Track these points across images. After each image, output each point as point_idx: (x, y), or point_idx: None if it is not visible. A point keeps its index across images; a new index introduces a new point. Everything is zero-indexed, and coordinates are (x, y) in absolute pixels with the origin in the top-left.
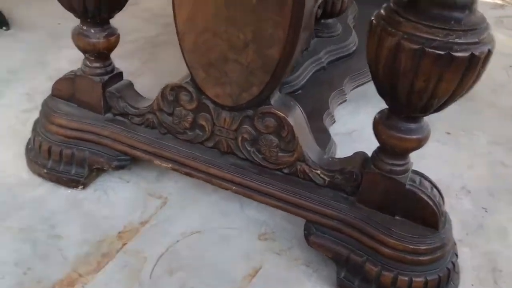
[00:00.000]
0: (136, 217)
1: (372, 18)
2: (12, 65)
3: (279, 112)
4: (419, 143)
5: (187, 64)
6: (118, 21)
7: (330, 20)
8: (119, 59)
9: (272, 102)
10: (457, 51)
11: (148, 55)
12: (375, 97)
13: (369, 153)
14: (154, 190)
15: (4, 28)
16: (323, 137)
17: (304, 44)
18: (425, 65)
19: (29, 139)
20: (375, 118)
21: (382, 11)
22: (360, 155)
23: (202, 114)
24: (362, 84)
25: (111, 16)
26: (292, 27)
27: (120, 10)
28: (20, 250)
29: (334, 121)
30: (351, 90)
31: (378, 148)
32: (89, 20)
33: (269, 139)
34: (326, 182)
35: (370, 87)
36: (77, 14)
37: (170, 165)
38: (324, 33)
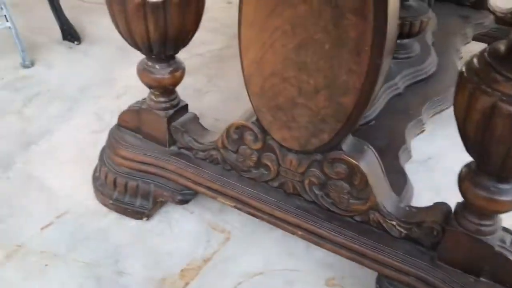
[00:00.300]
0: (199, 253)
1: (463, 69)
2: (82, 82)
3: (351, 159)
4: (511, 206)
5: (252, 106)
6: None
7: (406, 40)
8: (186, 74)
9: (343, 147)
10: None
11: (215, 71)
12: (451, 119)
13: (445, 187)
14: (217, 222)
15: (75, 42)
16: (398, 179)
17: (383, 84)
18: None
19: (96, 167)
20: (461, 172)
21: (475, 61)
22: (441, 207)
23: (267, 154)
24: (442, 111)
25: (176, 52)
26: (369, 75)
27: (185, 46)
28: (84, 285)
29: (411, 157)
30: (429, 118)
31: (463, 203)
32: (154, 57)
33: (340, 185)
34: (403, 234)
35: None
36: (142, 52)
37: (233, 204)
38: (400, 54)
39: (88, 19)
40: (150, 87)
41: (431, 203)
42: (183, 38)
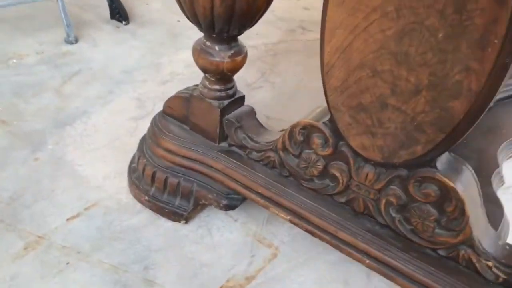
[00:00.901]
0: (241, 269)
1: None
2: (127, 64)
3: (447, 181)
4: None
5: (328, 103)
6: None
7: None
8: None
9: (438, 165)
10: None
11: (269, 66)
12: None
13: None
14: (264, 235)
15: (124, 22)
16: (493, 210)
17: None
18: None
19: (133, 157)
20: None
21: None
22: None
23: (336, 163)
24: None
25: (241, 33)
26: (493, 77)
27: (252, 26)
28: None
29: (503, 183)
30: None
31: None
32: (214, 36)
33: (426, 210)
34: (500, 279)
35: None
36: (201, 29)
37: (288, 217)
38: None
39: (138, 0)
40: (205, 71)
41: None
42: (252, 16)
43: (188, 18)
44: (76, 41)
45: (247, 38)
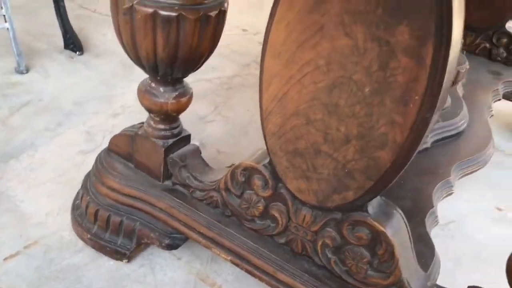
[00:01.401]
0: None
1: None
2: (78, 95)
3: (377, 225)
4: None
5: (267, 147)
6: None
7: None
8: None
9: (369, 209)
10: None
11: (222, 99)
12: (476, 180)
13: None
14: (208, 273)
15: (78, 53)
16: (425, 251)
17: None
18: None
19: (78, 193)
20: (509, 262)
21: None
22: None
23: (276, 204)
24: (471, 173)
25: (185, 76)
26: (415, 130)
27: (196, 71)
28: None
29: (437, 223)
30: (458, 180)
31: None
32: (158, 78)
33: (359, 253)
34: None
35: None
36: (145, 71)
37: (229, 258)
38: None
39: (94, 30)
40: (150, 111)
41: (449, 276)
42: (195, 61)
43: (134, 61)
44: (27, 71)
45: (202, 73)
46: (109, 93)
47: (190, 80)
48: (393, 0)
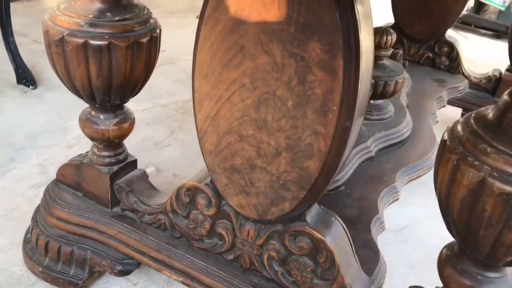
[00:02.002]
0: None
1: (445, 137)
2: (32, 129)
3: (315, 233)
4: None
5: (207, 166)
6: (150, 81)
7: (380, 101)
8: (146, 125)
9: (307, 218)
10: None
11: (178, 124)
12: (426, 184)
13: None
14: None
15: (31, 87)
16: (370, 256)
17: (353, 147)
18: None
19: (28, 228)
20: (441, 255)
21: (459, 128)
22: None
23: (221, 222)
24: (417, 178)
25: (123, 102)
26: (337, 139)
27: (135, 95)
28: None
29: (384, 229)
30: (403, 185)
31: None
32: (97, 106)
33: (302, 262)
34: None
35: None
36: (84, 99)
37: (181, 279)
38: (374, 116)
39: (47, 64)
40: (92, 139)
41: (404, 280)
42: (131, 87)
43: (71, 91)
44: None
45: (157, 98)
46: (63, 125)
47: (146, 105)
48: (302, 18)
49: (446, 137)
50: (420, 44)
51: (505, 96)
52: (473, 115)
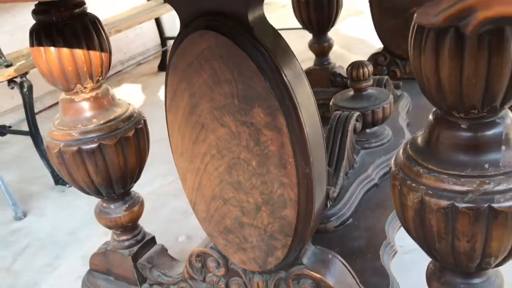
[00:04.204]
0: None
1: (391, 163)
2: (72, 224)
3: (314, 273)
4: None
5: (205, 232)
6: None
7: (376, 127)
8: (174, 197)
9: (304, 261)
10: (500, 202)
11: None
12: None
13: None
14: None
15: (67, 185)
16: (380, 283)
17: (325, 189)
18: (463, 225)
19: None
20: (427, 269)
21: (400, 155)
22: None
23: (233, 279)
24: None
25: (128, 189)
26: (302, 186)
27: (136, 181)
28: None
29: (396, 252)
30: None
31: None
32: (105, 198)
33: None
34: None
35: None
36: (92, 195)
37: None
38: (372, 143)
39: None
40: (109, 227)
41: None
42: (129, 176)
43: (80, 190)
44: (25, 215)
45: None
46: None
47: (171, 179)
48: (241, 91)
49: (392, 164)
50: None
51: (430, 117)
52: (410, 140)
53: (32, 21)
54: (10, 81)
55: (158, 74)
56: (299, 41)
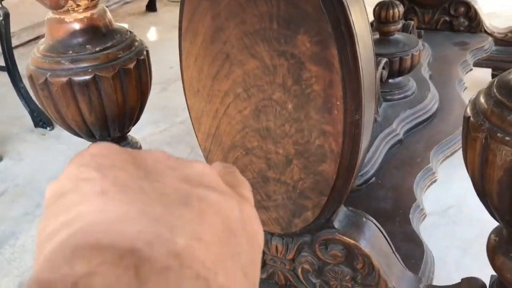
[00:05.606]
0: None
1: (467, 111)
2: (53, 170)
3: (347, 239)
4: None
5: None
6: (164, 100)
7: (399, 78)
8: (167, 145)
9: (335, 224)
10: None
11: None
12: None
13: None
14: None
15: (48, 128)
16: (413, 250)
17: (370, 139)
18: None
19: None
20: (489, 240)
21: (482, 100)
22: (472, 284)
23: None
24: (453, 154)
25: (125, 132)
26: (348, 135)
27: (135, 124)
28: None
29: (425, 216)
30: (440, 164)
31: (499, 280)
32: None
33: (339, 271)
34: None
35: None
36: (83, 137)
37: None
38: (395, 95)
39: None
40: None
41: (459, 264)
42: (128, 116)
43: (69, 131)
44: (1, 159)
45: (174, 115)
46: None
47: (163, 126)
48: (283, 11)
49: (469, 112)
50: (434, 10)
51: None
52: (495, 82)
53: None
54: None
55: (146, 14)
56: None
